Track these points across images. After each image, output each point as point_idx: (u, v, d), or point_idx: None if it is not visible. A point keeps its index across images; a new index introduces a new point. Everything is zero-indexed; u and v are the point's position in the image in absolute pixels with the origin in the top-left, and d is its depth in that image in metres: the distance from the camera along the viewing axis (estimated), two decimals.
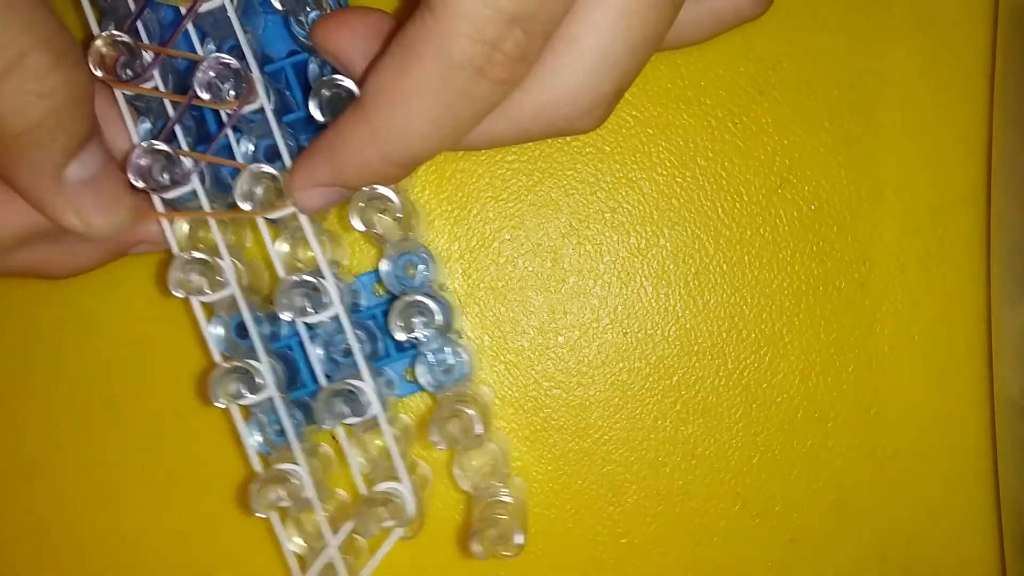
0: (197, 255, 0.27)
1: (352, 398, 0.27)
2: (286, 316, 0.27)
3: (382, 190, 0.26)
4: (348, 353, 0.28)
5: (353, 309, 0.28)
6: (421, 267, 0.28)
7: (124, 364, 0.31)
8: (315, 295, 0.27)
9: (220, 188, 0.28)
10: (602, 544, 0.31)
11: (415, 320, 0.27)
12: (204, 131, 0.28)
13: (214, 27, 0.27)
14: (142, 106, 0.27)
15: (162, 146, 0.26)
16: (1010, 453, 0.30)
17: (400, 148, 0.23)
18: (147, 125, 0.27)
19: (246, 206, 0.26)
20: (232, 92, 0.26)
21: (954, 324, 0.31)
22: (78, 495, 0.32)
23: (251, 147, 0.27)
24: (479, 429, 0.27)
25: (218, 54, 0.25)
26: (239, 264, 0.27)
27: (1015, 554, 0.30)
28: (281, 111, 0.27)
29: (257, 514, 0.27)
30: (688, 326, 0.31)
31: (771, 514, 0.31)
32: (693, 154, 0.31)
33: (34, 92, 0.21)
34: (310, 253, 0.28)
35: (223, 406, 0.27)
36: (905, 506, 0.31)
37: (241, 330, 0.28)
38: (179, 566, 0.32)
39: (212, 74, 0.25)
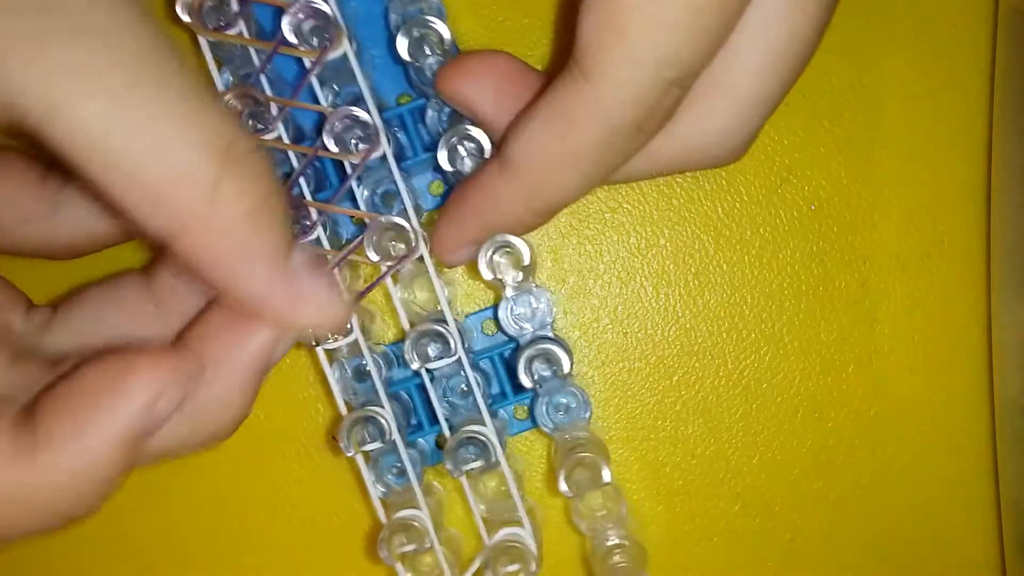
0: None
1: (475, 444, 0.27)
2: (415, 365, 0.27)
3: (511, 239, 0.26)
4: (465, 395, 0.28)
5: (467, 351, 0.29)
6: (540, 309, 0.28)
7: None
8: (438, 341, 0.27)
9: (335, 233, 0.28)
10: None
11: (541, 366, 0.28)
12: (321, 178, 0.28)
13: (333, 75, 0.27)
14: None
15: (292, 196, 0.26)
16: (1010, 453, 0.30)
17: (551, 203, 0.24)
18: None
19: (374, 257, 0.26)
20: (356, 142, 0.26)
21: (954, 324, 0.31)
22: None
23: (368, 192, 0.28)
24: (607, 477, 0.27)
25: (346, 108, 0.25)
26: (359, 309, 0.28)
27: (1015, 554, 0.30)
28: (397, 156, 0.27)
29: (387, 564, 0.27)
30: (688, 326, 0.31)
31: (771, 514, 0.31)
32: None
33: (251, 174, 0.19)
34: (422, 294, 0.28)
35: (352, 455, 0.27)
36: (905, 506, 0.31)
37: (358, 373, 0.28)
38: None
39: (341, 127, 0.26)
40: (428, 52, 0.27)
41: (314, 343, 0.27)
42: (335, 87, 0.27)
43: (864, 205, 0.31)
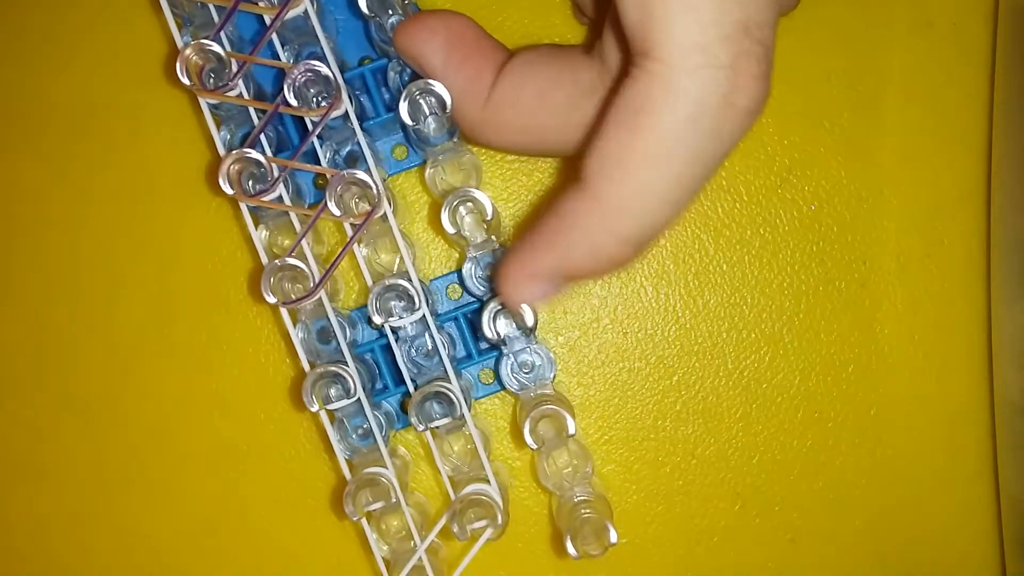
0: (289, 262, 0.27)
1: (442, 400, 0.27)
2: (378, 320, 0.27)
3: (475, 193, 0.27)
4: (430, 356, 0.28)
5: (432, 312, 0.29)
6: None
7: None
8: (403, 300, 0.27)
9: (298, 195, 0.28)
10: None
11: (504, 322, 0.28)
12: (284, 138, 0.28)
13: (294, 35, 0.27)
14: (222, 115, 0.27)
15: (253, 154, 0.26)
16: (1010, 453, 0.30)
17: (634, 223, 0.20)
18: (225, 133, 0.27)
19: (336, 211, 0.26)
20: (318, 99, 0.26)
21: (954, 324, 0.31)
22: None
23: (331, 153, 0.27)
24: (572, 429, 0.27)
25: (307, 61, 0.25)
26: (323, 269, 0.28)
27: (1015, 554, 0.30)
28: (360, 117, 0.27)
29: (353, 519, 0.27)
30: (688, 326, 0.31)
31: (771, 514, 0.31)
32: None
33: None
34: (386, 256, 0.28)
35: (316, 410, 0.27)
36: (905, 506, 0.31)
37: (322, 335, 0.28)
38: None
39: (302, 81, 0.26)
40: (389, 11, 0.27)
41: (275, 300, 0.27)
42: (296, 47, 0.27)
43: (864, 205, 0.31)
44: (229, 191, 0.26)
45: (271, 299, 0.27)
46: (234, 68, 0.26)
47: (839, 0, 0.30)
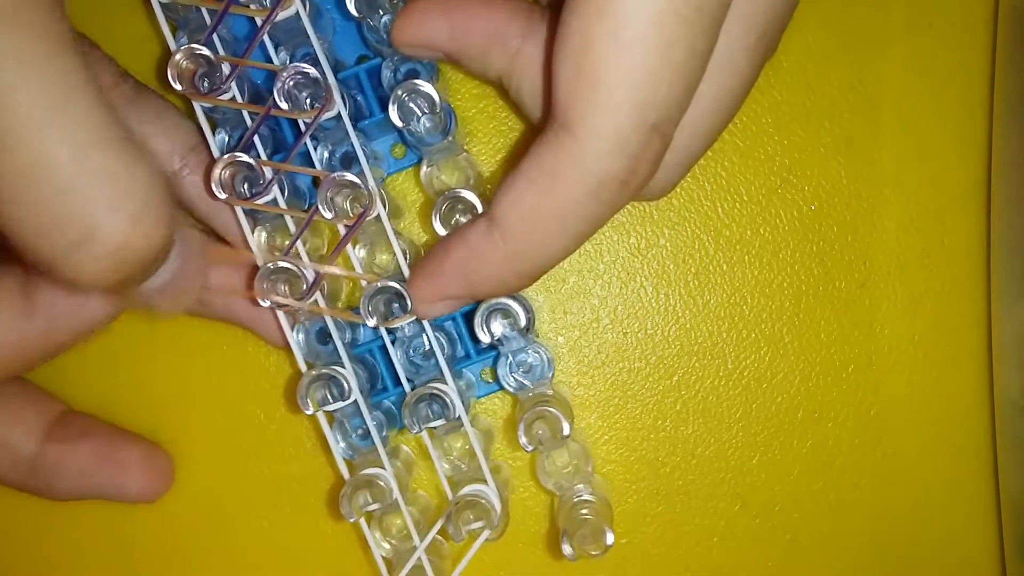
0: (282, 264, 0.27)
1: (437, 401, 0.27)
2: (371, 322, 0.27)
3: (464, 193, 0.27)
4: (428, 356, 0.28)
5: None
6: None
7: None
8: (397, 300, 0.27)
9: (297, 196, 0.28)
10: None
11: (499, 322, 0.28)
12: (280, 140, 0.28)
13: (287, 36, 0.27)
14: (218, 117, 0.27)
15: (244, 157, 0.26)
16: (1010, 453, 0.30)
17: (537, 266, 0.23)
18: (223, 136, 0.27)
19: (328, 214, 0.26)
20: (310, 101, 0.26)
21: (954, 324, 0.31)
22: None
23: (327, 154, 0.27)
24: (567, 430, 0.27)
25: (297, 64, 0.25)
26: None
27: (1015, 554, 0.30)
28: (355, 117, 0.27)
29: (350, 520, 0.27)
30: (688, 326, 0.31)
31: (771, 514, 0.31)
32: None
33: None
34: (384, 256, 0.28)
35: (311, 412, 0.27)
36: (905, 506, 0.31)
37: (321, 336, 0.28)
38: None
39: (291, 84, 0.26)
40: (379, 11, 0.27)
41: (269, 303, 0.27)
42: (291, 48, 0.27)
43: (864, 205, 0.31)
44: (222, 195, 0.26)
45: (263, 302, 0.27)
46: (225, 71, 0.26)
47: (839, 1, 0.30)
